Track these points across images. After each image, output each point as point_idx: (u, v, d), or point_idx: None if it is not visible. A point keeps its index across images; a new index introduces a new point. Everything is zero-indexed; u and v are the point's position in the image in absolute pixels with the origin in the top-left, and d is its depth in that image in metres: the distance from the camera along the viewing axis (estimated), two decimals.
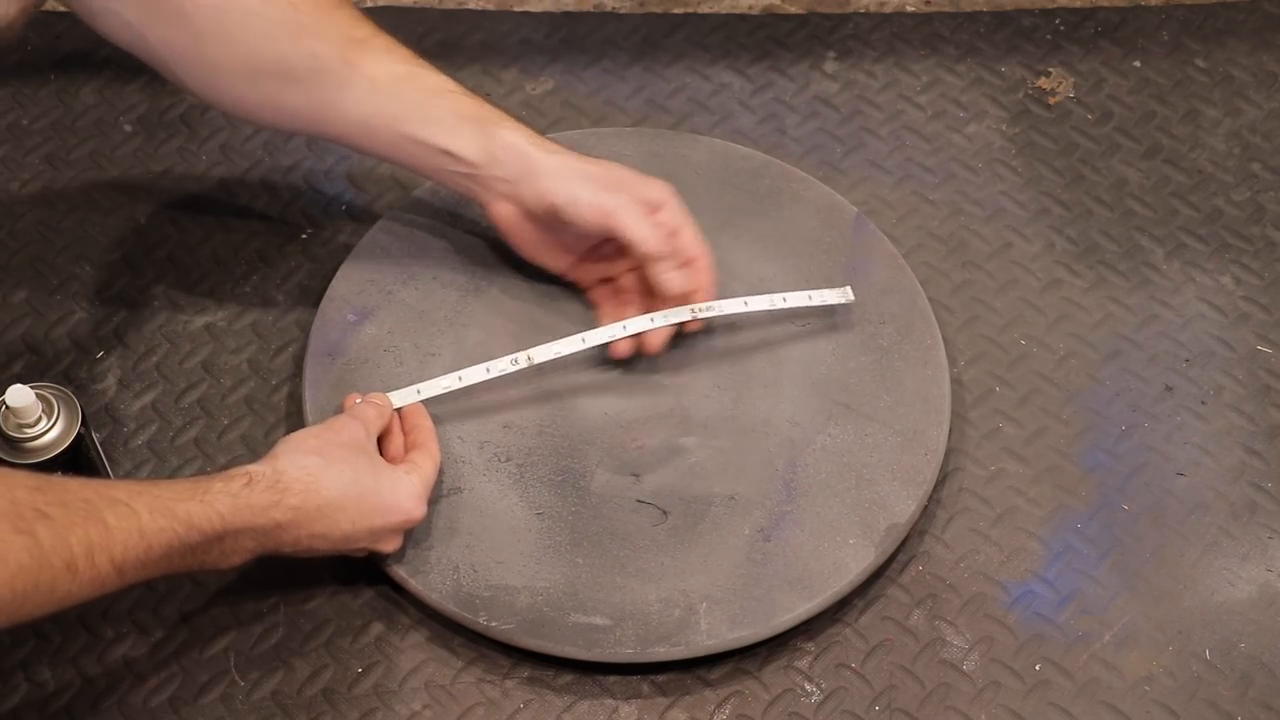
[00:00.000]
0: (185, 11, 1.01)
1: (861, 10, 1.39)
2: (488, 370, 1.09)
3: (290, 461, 0.96)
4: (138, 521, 0.85)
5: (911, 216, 1.26)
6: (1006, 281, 1.22)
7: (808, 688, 1.03)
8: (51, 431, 0.99)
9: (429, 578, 1.03)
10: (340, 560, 1.03)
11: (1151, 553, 1.09)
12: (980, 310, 1.21)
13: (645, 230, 1.07)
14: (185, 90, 1.08)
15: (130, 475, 1.10)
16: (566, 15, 1.38)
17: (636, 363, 1.13)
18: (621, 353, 1.11)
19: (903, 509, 1.07)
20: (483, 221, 1.20)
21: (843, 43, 1.36)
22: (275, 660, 1.03)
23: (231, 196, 1.25)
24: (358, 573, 1.05)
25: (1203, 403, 1.16)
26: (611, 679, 1.03)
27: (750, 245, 1.20)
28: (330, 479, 0.96)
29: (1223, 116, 1.33)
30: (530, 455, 1.09)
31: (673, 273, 1.09)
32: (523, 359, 1.09)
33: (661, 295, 1.10)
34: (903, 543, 1.07)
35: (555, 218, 1.08)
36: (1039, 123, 1.32)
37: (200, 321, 1.18)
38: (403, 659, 1.03)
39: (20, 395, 0.96)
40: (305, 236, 1.23)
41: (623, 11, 1.38)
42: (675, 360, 1.14)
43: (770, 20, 1.38)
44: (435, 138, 1.07)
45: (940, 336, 1.16)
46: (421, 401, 1.08)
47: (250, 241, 1.22)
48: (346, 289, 1.16)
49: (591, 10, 1.38)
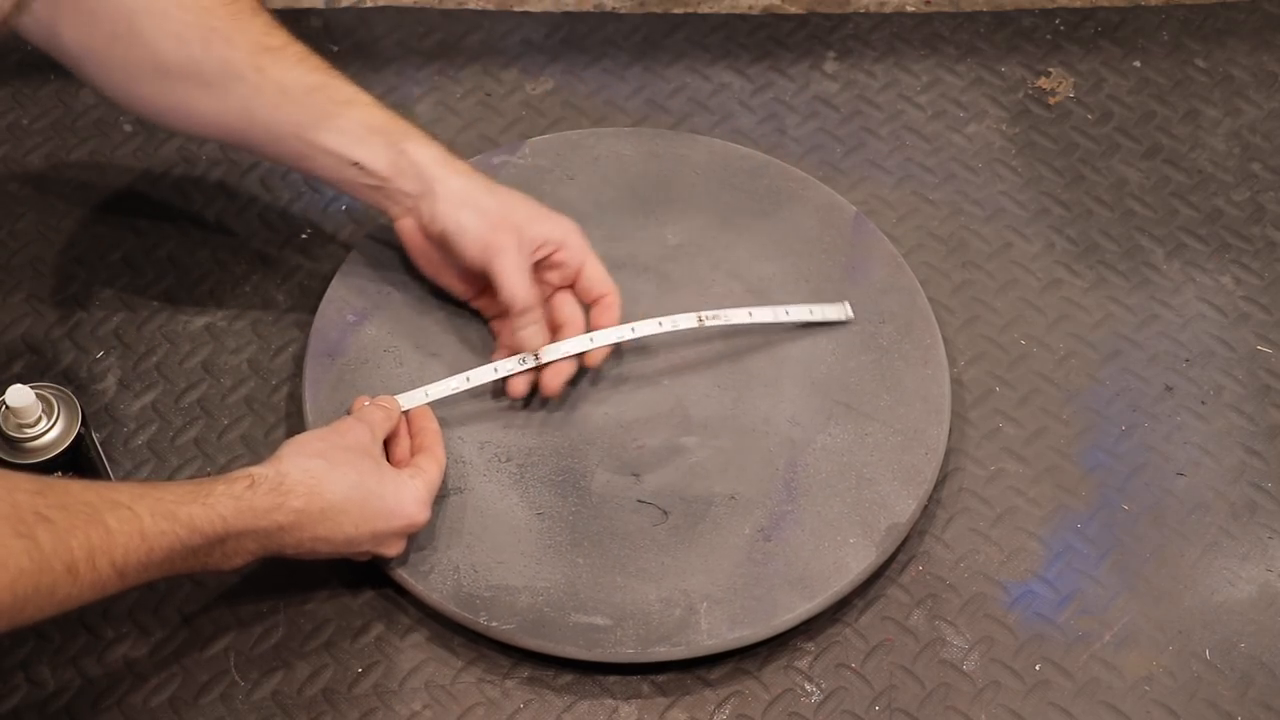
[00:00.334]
0: (96, 12, 1.00)
1: (861, 10, 1.39)
2: (495, 370, 1.09)
3: (294, 464, 0.96)
4: (139, 524, 0.85)
5: (911, 216, 1.26)
6: (1006, 281, 1.22)
7: (808, 688, 1.03)
8: (51, 431, 0.99)
9: (429, 578, 1.03)
10: (341, 561, 1.03)
11: (1151, 553, 1.09)
12: (980, 310, 1.21)
13: (516, 280, 1.06)
14: (99, 92, 1.07)
15: (130, 475, 1.10)
16: (566, 15, 1.37)
17: (636, 363, 1.13)
18: (518, 392, 1.10)
19: (903, 508, 1.07)
20: None
21: (843, 43, 1.36)
22: (275, 660, 1.03)
23: (231, 196, 1.25)
24: (358, 573, 1.05)
25: (1203, 403, 1.16)
26: (611, 679, 1.03)
27: (750, 245, 1.20)
28: (334, 482, 0.96)
29: (1223, 116, 1.33)
30: (531, 455, 1.09)
31: (529, 329, 1.07)
32: (530, 358, 1.09)
33: (515, 346, 1.09)
34: (903, 543, 1.07)
35: (444, 244, 1.08)
36: (1039, 123, 1.32)
37: (200, 321, 1.18)
38: (403, 659, 1.03)
39: (20, 395, 0.96)
40: (305, 236, 1.23)
41: (623, 11, 1.38)
42: (675, 360, 1.14)
43: (770, 20, 1.38)
44: (344, 148, 1.05)
45: (940, 336, 1.15)
46: (427, 403, 1.08)
47: (250, 241, 1.22)
48: (346, 289, 1.16)
49: (591, 10, 1.38)
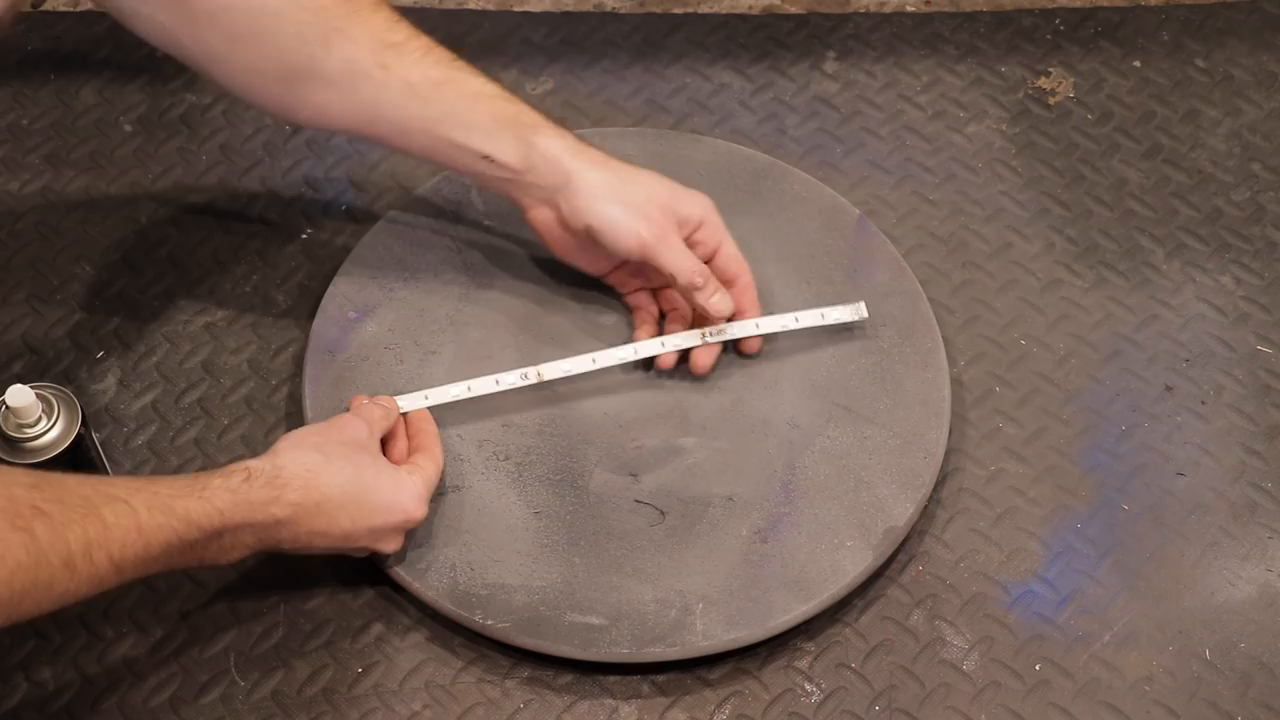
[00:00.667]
0: (216, 15, 1.01)
1: (861, 10, 1.39)
2: (497, 383, 1.10)
3: (291, 457, 0.96)
4: (136, 519, 0.85)
5: (911, 216, 1.26)
6: (1006, 281, 1.22)
7: (808, 688, 1.03)
8: (51, 431, 0.99)
9: (426, 576, 1.03)
10: (340, 560, 1.03)
11: (1151, 553, 1.09)
12: (980, 310, 1.20)
13: (684, 263, 1.07)
14: (227, 92, 1.08)
15: (130, 476, 1.10)
16: (566, 15, 1.37)
17: (636, 363, 1.13)
18: (667, 365, 1.12)
19: (900, 512, 1.07)
20: (484, 221, 1.21)
21: (843, 43, 1.36)
22: (275, 660, 1.03)
23: (231, 196, 1.25)
24: (358, 573, 1.05)
25: (1203, 403, 1.16)
26: (611, 679, 1.03)
27: (752, 247, 1.20)
28: (330, 476, 0.96)
29: (1223, 116, 1.33)
30: (529, 454, 1.09)
31: (715, 297, 1.09)
32: (532, 374, 1.10)
33: (706, 318, 1.10)
34: (903, 543, 1.07)
35: (590, 237, 1.08)
36: (1039, 123, 1.32)
37: (200, 321, 1.18)
38: (403, 659, 1.03)
39: (20, 395, 0.96)
40: (305, 236, 1.23)
41: (623, 11, 1.38)
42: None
43: (770, 20, 1.38)
44: (474, 142, 1.06)
45: (941, 340, 1.15)
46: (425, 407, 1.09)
47: (250, 241, 1.22)
48: (348, 286, 1.16)
49: (591, 10, 1.38)
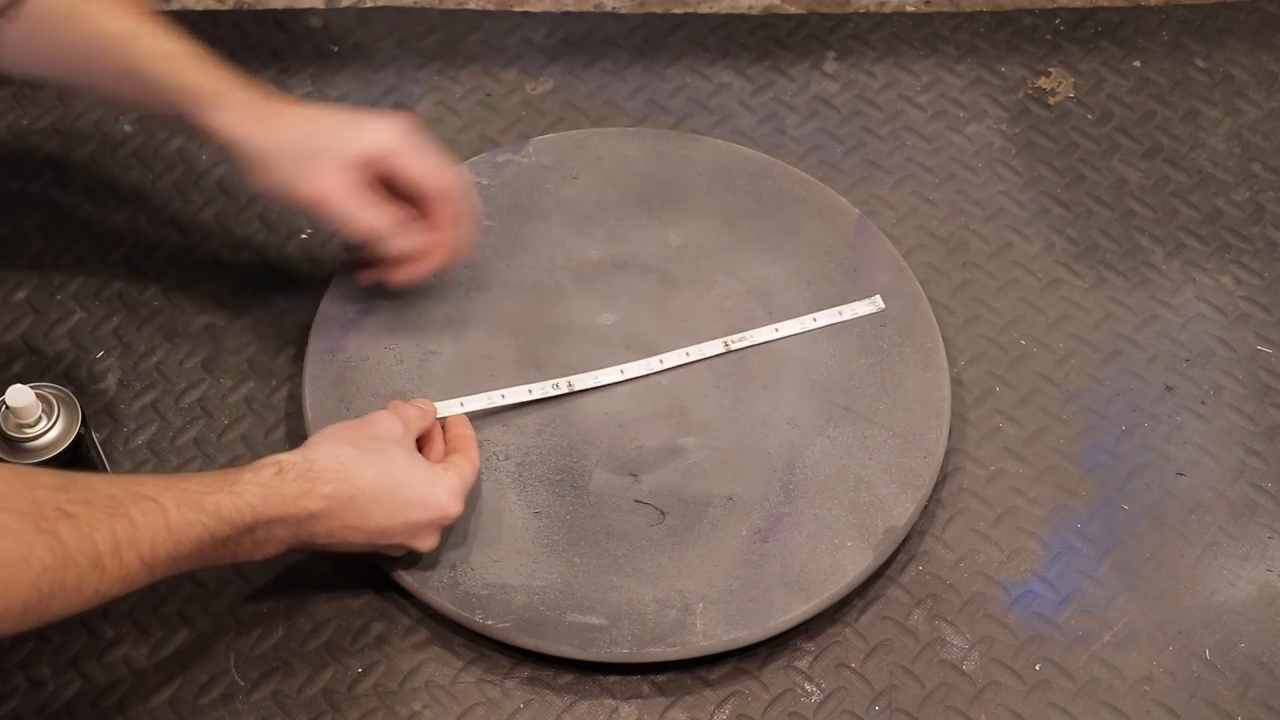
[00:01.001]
0: None
1: (861, 10, 1.39)
2: (530, 392, 1.11)
3: (323, 450, 0.95)
4: (165, 516, 0.84)
5: (911, 216, 1.26)
6: (1006, 281, 1.22)
7: (808, 688, 1.03)
8: (51, 431, 0.99)
9: (425, 576, 1.03)
10: (341, 560, 1.03)
11: (1151, 553, 1.09)
12: (980, 310, 1.20)
13: (354, 219, 1.05)
14: None
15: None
16: (566, 15, 1.37)
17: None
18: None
19: (900, 512, 1.07)
20: (484, 221, 1.21)
21: (843, 43, 1.36)
22: (275, 660, 1.03)
23: (231, 197, 1.25)
24: (358, 573, 1.05)
25: (1203, 403, 1.16)
26: (611, 679, 1.03)
27: (752, 246, 1.20)
28: (364, 469, 0.95)
29: (1223, 116, 1.33)
30: (529, 454, 1.09)
31: (397, 241, 1.08)
32: (563, 384, 1.11)
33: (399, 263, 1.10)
34: (902, 543, 1.07)
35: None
36: (1039, 123, 1.32)
37: (200, 321, 1.18)
38: (403, 659, 1.03)
39: (20, 395, 0.96)
40: (305, 236, 1.23)
41: (623, 11, 1.38)
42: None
43: (770, 20, 1.38)
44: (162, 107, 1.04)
45: (941, 340, 1.15)
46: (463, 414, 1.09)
47: (250, 241, 1.22)
48: (348, 286, 1.16)
49: (591, 10, 1.38)
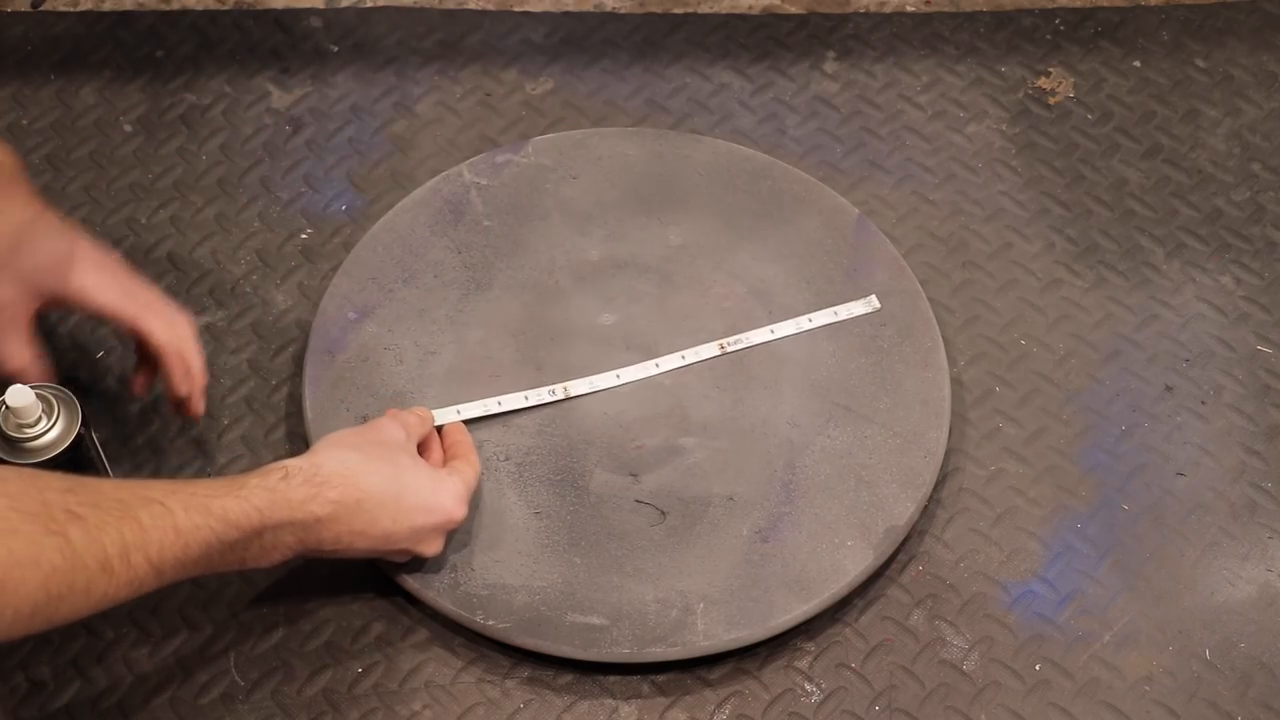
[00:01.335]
0: None
1: (861, 10, 1.39)
2: (526, 398, 1.11)
3: (329, 455, 0.96)
4: (173, 520, 0.85)
5: (911, 216, 1.25)
6: (1006, 281, 1.22)
7: (808, 688, 1.03)
8: (51, 431, 0.99)
9: (426, 576, 1.03)
10: (341, 560, 1.03)
11: (1151, 553, 1.09)
12: (980, 310, 1.20)
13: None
14: None
15: (130, 476, 1.10)
16: (566, 15, 1.37)
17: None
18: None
19: (901, 511, 1.07)
20: (484, 221, 1.21)
21: (843, 43, 1.36)
22: (275, 660, 1.03)
23: (231, 196, 1.25)
24: (358, 573, 1.05)
25: (1203, 403, 1.16)
26: (611, 679, 1.03)
27: (752, 246, 1.20)
28: (370, 474, 0.96)
29: (1223, 116, 1.32)
30: (529, 454, 1.09)
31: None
32: (560, 390, 1.11)
33: None
34: (902, 543, 1.07)
35: None
36: (1039, 123, 1.32)
37: (200, 321, 1.18)
38: (403, 659, 1.03)
39: (20, 395, 0.96)
40: (305, 236, 1.23)
41: (623, 11, 1.38)
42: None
43: (770, 20, 1.38)
44: None
45: (941, 339, 1.15)
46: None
47: (250, 241, 1.22)
48: (347, 286, 1.17)
49: (591, 10, 1.38)
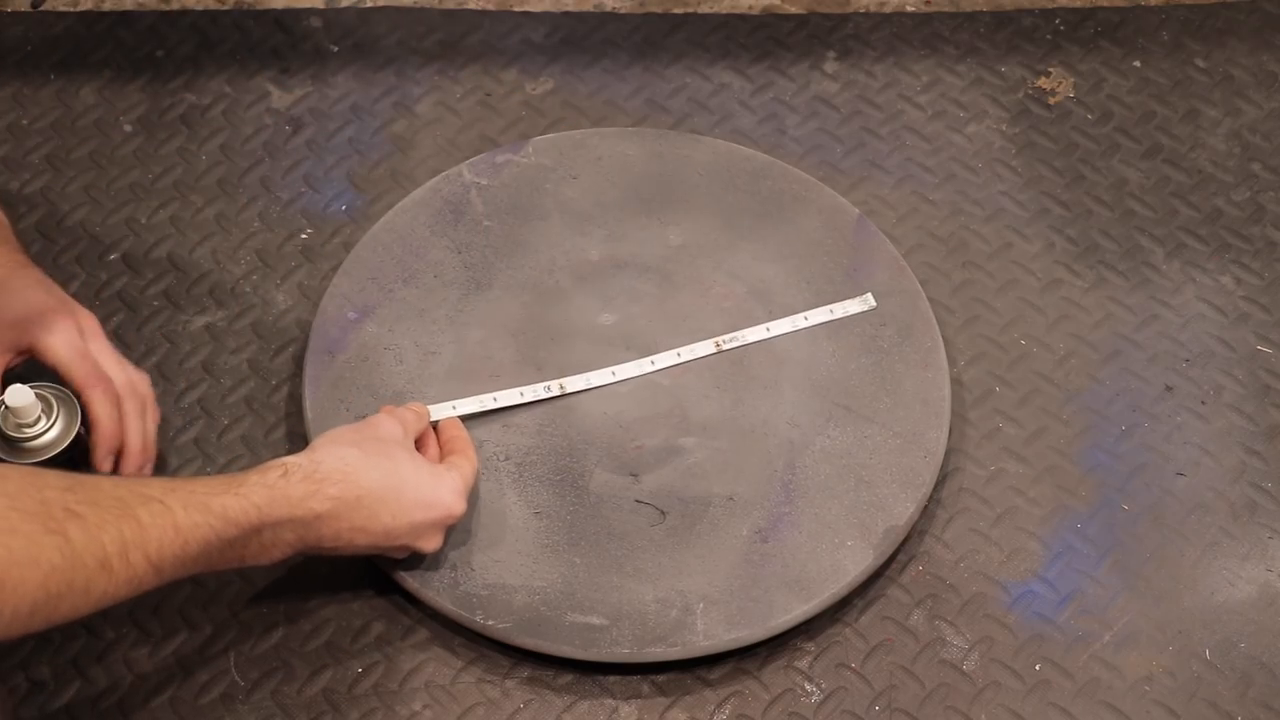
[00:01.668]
0: None
1: (861, 10, 1.39)
2: (521, 395, 1.11)
3: (328, 453, 0.96)
4: (172, 517, 0.85)
5: (911, 216, 1.25)
6: (1006, 281, 1.22)
7: (808, 688, 1.03)
8: (51, 431, 0.99)
9: (426, 576, 1.03)
10: (341, 559, 1.03)
11: (1151, 553, 1.09)
12: (980, 310, 1.20)
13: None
14: None
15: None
16: (566, 15, 1.37)
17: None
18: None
19: (901, 511, 1.07)
20: (484, 221, 1.21)
21: (843, 43, 1.36)
22: (275, 660, 1.03)
23: (231, 196, 1.25)
24: (358, 573, 1.05)
25: (1203, 403, 1.16)
26: (611, 679, 1.03)
27: (752, 246, 1.20)
28: (369, 470, 0.96)
29: (1223, 116, 1.33)
30: (529, 454, 1.09)
31: None
32: (555, 387, 1.12)
33: None
34: (902, 543, 1.07)
35: None
36: (1039, 123, 1.32)
37: (200, 321, 1.18)
38: (403, 659, 1.03)
39: (20, 395, 0.96)
40: (305, 236, 1.23)
41: (623, 11, 1.38)
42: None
43: (770, 20, 1.38)
44: None
45: (941, 339, 1.15)
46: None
47: (250, 241, 1.22)
48: (347, 287, 1.17)
49: (591, 10, 1.38)
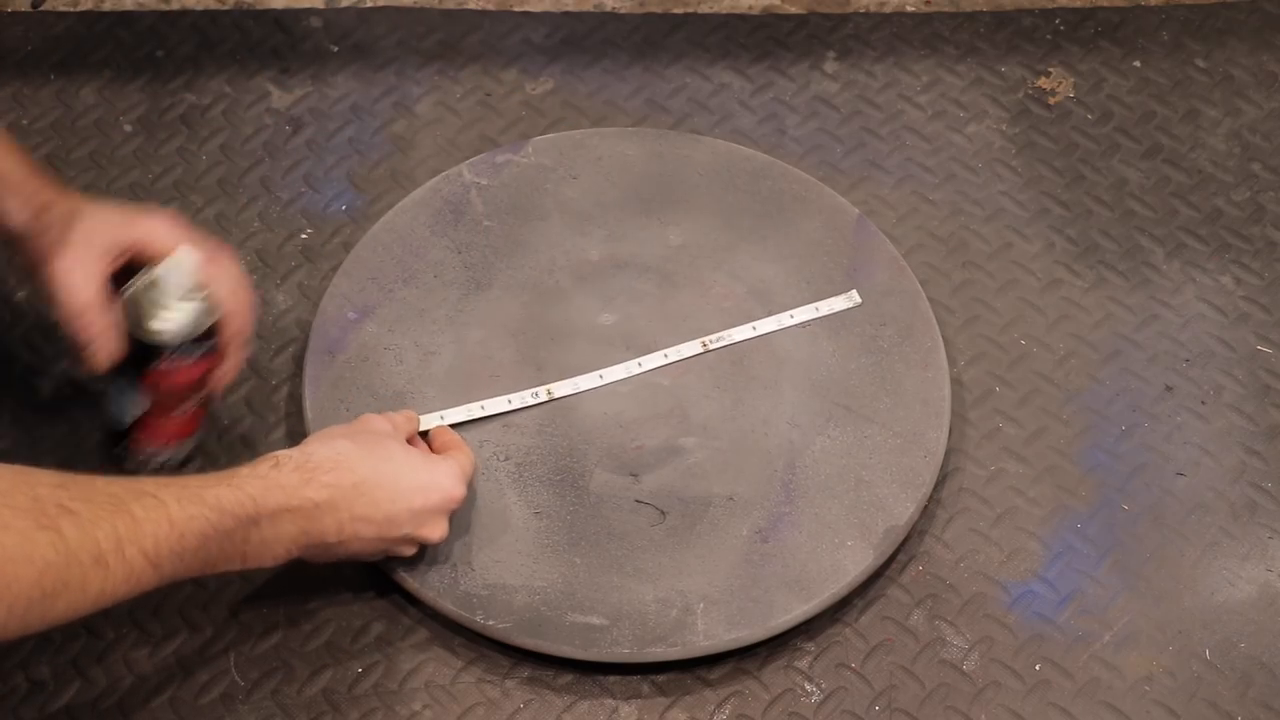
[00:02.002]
0: None
1: (861, 10, 1.39)
2: (509, 401, 1.11)
3: (320, 444, 0.96)
4: (166, 511, 0.84)
5: (911, 216, 1.26)
6: (1006, 281, 1.22)
7: (808, 688, 1.03)
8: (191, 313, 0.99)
9: (426, 576, 1.03)
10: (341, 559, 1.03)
11: (1151, 553, 1.09)
12: (980, 310, 1.20)
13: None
14: None
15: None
16: (566, 15, 1.37)
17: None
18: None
19: (901, 511, 1.07)
20: (484, 221, 1.21)
21: (843, 43, 1.36)
22: (275, 660, 1.03)
23: (231, 197, 1.25)
24: (358, 573, 1.05)
25: (1203, 403, 1.16)
26: (611, 679, 1.03)
27: (752, 246, 1.20)
28: (363, 458, 0.96)
29: (1223, 116, 1.33)
30: (529, 454, 1.09)
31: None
32: (543, 393, 1.11)
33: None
34: (903, 543, 1.07)
35: None
36: (1039, 123, 1.32)
37: None
38: (403, 659, 1.03)
39: (186, 255, 0.97)
40: (305, 236, 1.23)
41: (623, 11, 1.38)
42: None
43: (770, 20, 1.38)
44: None
45: (941, 339, 1.15)
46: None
47: (250, 241, 1.22)
48: (347, 287, 1.17)
49: (591, 10, 1.38)
